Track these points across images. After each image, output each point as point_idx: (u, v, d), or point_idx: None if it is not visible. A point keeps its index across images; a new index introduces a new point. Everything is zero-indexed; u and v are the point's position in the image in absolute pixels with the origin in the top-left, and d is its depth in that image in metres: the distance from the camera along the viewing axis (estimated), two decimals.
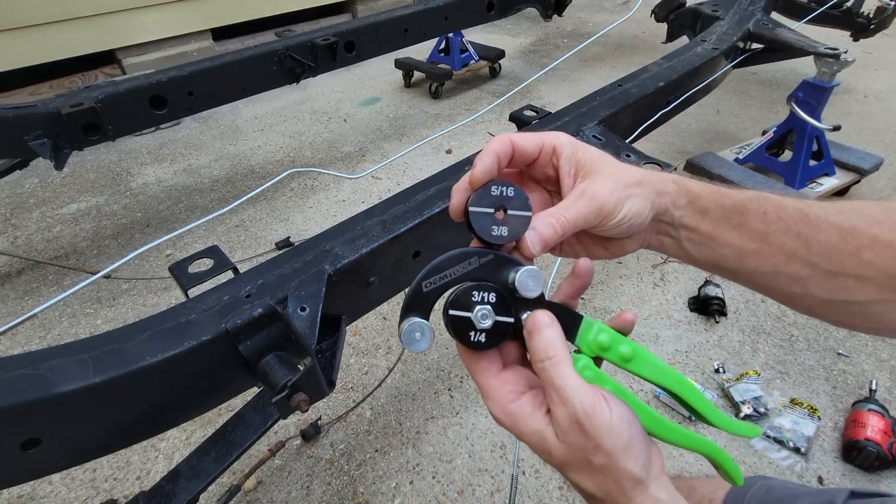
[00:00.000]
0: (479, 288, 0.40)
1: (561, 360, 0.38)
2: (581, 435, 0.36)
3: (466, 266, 0.41)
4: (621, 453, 0.36)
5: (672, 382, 0.42)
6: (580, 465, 0.37)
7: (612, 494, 0.37)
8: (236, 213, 2.25)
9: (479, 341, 0.40)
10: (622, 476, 0.36)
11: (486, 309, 0.40)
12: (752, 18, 2.08)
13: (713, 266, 0.48)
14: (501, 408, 0.40)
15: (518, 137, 0.43)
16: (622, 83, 1.48)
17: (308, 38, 2.08)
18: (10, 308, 1.82)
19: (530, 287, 0.40)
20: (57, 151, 1.65)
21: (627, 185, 0.43)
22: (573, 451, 0.37)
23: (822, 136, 2.05)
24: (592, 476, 0.37)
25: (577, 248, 0.50)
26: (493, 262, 0.41)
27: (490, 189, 0.41)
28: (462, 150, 2.70)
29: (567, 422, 0.36)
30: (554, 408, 0.37)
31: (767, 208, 0.44)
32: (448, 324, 0.40)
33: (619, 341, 0.42)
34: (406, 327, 0.40)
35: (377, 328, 1.73)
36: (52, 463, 0.68)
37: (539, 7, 2.89)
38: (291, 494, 1.29)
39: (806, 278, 0.43)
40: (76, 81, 3.27)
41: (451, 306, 0.40)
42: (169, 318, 0.74)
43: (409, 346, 0.40)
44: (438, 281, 0.41)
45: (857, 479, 1.27)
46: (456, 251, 0.41)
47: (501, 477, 1.31)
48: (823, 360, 1.57)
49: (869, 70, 3.38)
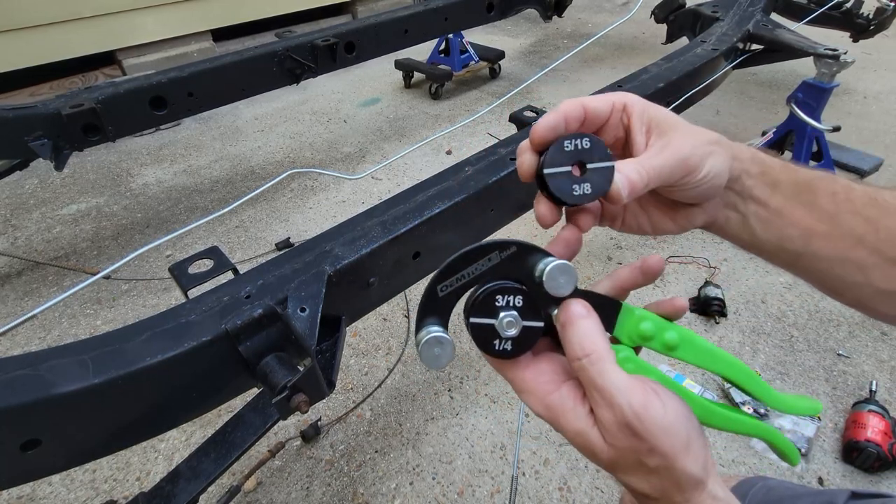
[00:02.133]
0: (503, 291, 0.35)
1: (601, 357, 0.34)
2: (632, 438, 0.33)
3: (486, 262, 0.36)
4: (680, 454, 0.33)
5: (725, 368, 0.39)
6: (632, 467, 0.34)
7: (668, 494, 0.34)
8: (236, 214, 2.25)
9: (505, 349, 0.36)
10: (681, 478, 0.33)
11: (512, 315, 0.35)
12: (752, 19, 2.08)
13: (776, 249, 0.45)
14: (540, 401, 0.36)
15: (588, 99, 0.40)
16: (622, 84, 1.48)
17: (308, 39, 2.08)
18: (9, 309, 1.82)
19: (561, 285, 0.36)
20: (57, 152, 1.65)
21: (708, 141, 0.41)
22: (623, 454, 0.33)
23: (821, 137, 2.05)
24: (647, 477, 0.34)
25: (641, 218, 0.47)
26: (517, 254, 0.36)
27: (563, 145, 0.37)
28: (462, 150, 2.70)
29: (615, 426, 0.33)
30: (599, 410, 0.34)
31: (836, 188, 0.42)
32: (469, 331, 0.36)
33: (663, 328, 0.39)
34: (423, 344, 0.35)
35: (377, 329, 1.73)
36: (52, 464, 0.68)
37: (539, 8, 2.90)
38: (291, 495, 1.29)
39: (870, 266, 0.41)
40: (76, 82, 3.27)
41: (471, 313, 0.35)
42: (169, 318, 0.74)
43: (430, 365, 0.36)
44: (455, 283, 0.36)
45: (858, 480, 1.27)
46: (473, 246, 0.36)
47: (501, 478, 1.31)
48: (823, 360, 1.57)
49: (869, 71, 3.38)
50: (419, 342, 0.36)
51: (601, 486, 1.28)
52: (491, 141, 2.72)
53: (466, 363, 1.60)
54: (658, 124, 0.42)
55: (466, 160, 1.12)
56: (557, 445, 1.37)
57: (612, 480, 1.29)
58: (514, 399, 1.49)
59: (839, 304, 1.76)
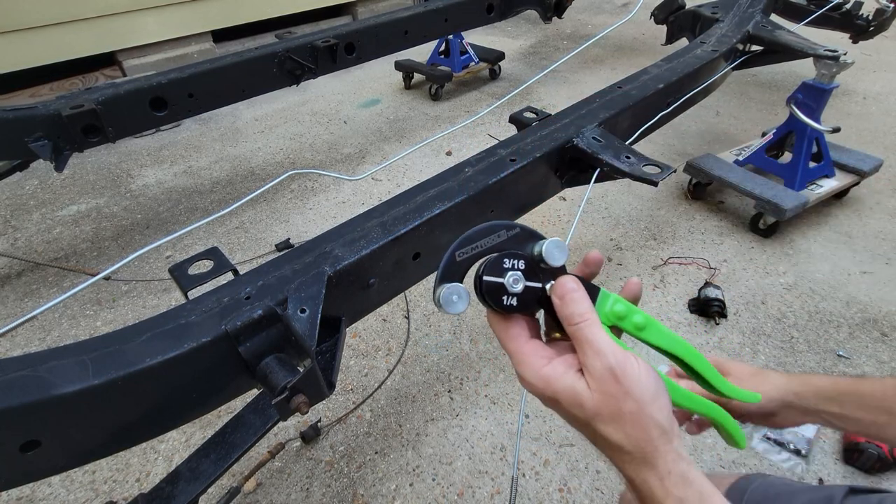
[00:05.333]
0: (510, 256, 0.43)
1: (595, 321, 0.42)
2: (614, 383, 0.39)
3: (495, 238, 0.44)
4: (649, 402, 0.39)
5: (682, 351, 0.45)
6: (611, 415, 0.39)
7: (640, 444, 0.39)
8: (236, 215, 2.25)
9: (512, 305, 0.43)
10: (649, 424, 0.39)
11: (517, 275, 0.43)
12: (752, 20, 2.08)
13: None
14: (535, 371, 0.43)
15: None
16: (622, 85, 1.48)
17: (308, 40, 2.09)
18: (9, 310, 1.82)
19: (556, 256, 0.44)
20: (57, 153, 1.65)
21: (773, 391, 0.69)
22: (605, 399, 0.39)
23: (821, 138, 2.05)
24: (622, 426, 0.39)
25: None
26: (520, 235, 0.45)
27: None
28: (462, 151, 2.70)
29: (601, 371, 0.40)
30: (589, 361, 0.41)
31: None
32: (481, 290, 0.43)
33: (633, 311, 0.45)
34: (443, 292, 0.42)
35: (377, 330, 1.72)
36: (52, 465, 0.68)
37: (539, 9, 2.90)
38: (291, 496, 1.29)
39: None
40: (77, 83, 3.27)
41: (485, 273, 0.43)
42: (169, 319, 0.74)
43: (448, 309, 0.42)
44: (470, 251, 0.44)
45: (858, 481, 1.27)
46: (485, 224, 0.44)
47: (501, 479, 1.30)
48: (824, 361, 1.57)
49: (868, 72, 3.38)
50: (440, 293, 0.43)
51: (601, 488, 1.28)
52: (491, 142, 2.73)
53: (466, 364, 1.60)
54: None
55: (466, 161, 1.12)
56: (557, 447, 1.37)
57: (611, 482, 1.29)
58: (514, 400, 1.49)
59: (839, 305, 1.77)
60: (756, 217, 2.05)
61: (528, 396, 1.49)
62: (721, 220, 2.16)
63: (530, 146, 1.16)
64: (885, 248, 1.99)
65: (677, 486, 0.38)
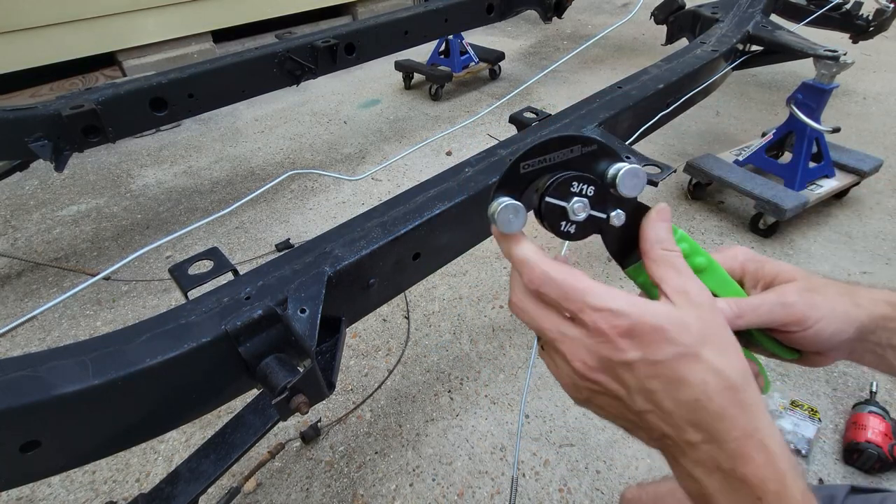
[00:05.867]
0: (580, 179, 0.39)
1: (680, 254, 0.40)
2: (711, 310, 0.37)
3: (568, 153, 0.39)
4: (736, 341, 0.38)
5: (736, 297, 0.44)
6: (717, 340, 0.36)
7: (746, 375, 0.36)
8: (236, 215, 2.25)
9: (569, 232, 0.40)
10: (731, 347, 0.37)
11: (583, 202, 0.39)
12: (752, 21, 2.08)
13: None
14: (626, 297, 0.37)
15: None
16: (622, 85, 1.48)
17: (308, 40, 2.09)
18: (9, 310, 1.82)
19: (630, 186, 0.39)
20: (57, 153, 1.65)
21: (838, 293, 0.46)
22: (707, 326, 0.37)
23: (821, 138, 2.05)
24: (726, 352, 0.36)
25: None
26: (596, 152, 0.40)
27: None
28: (462, 151, 2.70)
29: (700, 296, 0.38)
30: (687, 285, 0.38)
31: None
32: (541, 209, 0.39)
33: (697, 252, 0.43)
34: (500, 208, 0.38)
35: (377, 330, 1.72)
36: (52, 465, 0.68)
37: (539, 9, 2.90)
38: (291, 497, 1.29)
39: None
40: (77, 83, 3.27)
41: (549, 194, 0.39)
42: (169, 319, 0.74)
43: (503, 228, 0.38)
44: (537, 164, 0.39)
45: (858, 481, 1.27)
46: (562, 135, 0.39)
47: (501, 479, 1.30)
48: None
49: (868, 72, 3.38)
50: (496, 208, 0.38)
51: (601, 488, 1.28)
52: (491, 142, 2.73)
53: (466, 364, 1.60)
54: (774, 278, 0.47)
55: (466, 161, 1.12)
56: (557, 447, 1.37)
57: (611, 482, 1.29)
58: (514, 400, 1.49)
59: None
60: (756, 217, 2.05)
61: (527, 396, 1.49)
62: (721, 220, 2.16)
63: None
64: (885, 248, 1.99)
65: (774, 427, 0.36)
